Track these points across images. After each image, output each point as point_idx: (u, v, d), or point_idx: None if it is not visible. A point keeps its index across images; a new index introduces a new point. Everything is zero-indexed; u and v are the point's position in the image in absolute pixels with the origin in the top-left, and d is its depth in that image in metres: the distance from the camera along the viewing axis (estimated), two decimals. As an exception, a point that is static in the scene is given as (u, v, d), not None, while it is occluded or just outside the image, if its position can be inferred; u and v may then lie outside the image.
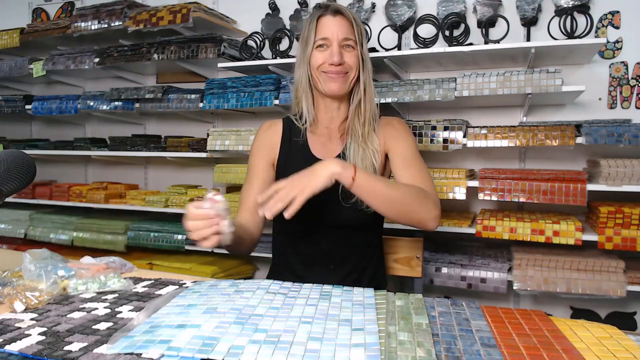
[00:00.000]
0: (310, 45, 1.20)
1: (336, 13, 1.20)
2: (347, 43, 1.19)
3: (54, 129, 3.11)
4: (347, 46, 1.20)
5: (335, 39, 1.18)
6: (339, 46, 1.18)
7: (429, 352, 0.64)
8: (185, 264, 2.28)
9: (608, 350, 0.66)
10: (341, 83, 1.20)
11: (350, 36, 1.19)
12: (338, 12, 1.20)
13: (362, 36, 1.22)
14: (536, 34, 1.98)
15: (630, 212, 1.66)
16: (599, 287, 1.69)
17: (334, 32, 1.18)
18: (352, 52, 1.20)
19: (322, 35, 1.19)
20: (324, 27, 1.20)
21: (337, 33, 1.18)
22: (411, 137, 1.28)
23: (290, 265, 1.29)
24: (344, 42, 1.19)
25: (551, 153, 2.02)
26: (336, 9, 1.21)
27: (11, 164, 0.93)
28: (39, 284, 0.90)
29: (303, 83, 1.24)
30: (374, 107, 1.26)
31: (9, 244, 2.60)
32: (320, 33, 1.20)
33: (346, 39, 1.19)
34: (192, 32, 2.35)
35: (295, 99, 1.29)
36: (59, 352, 0.64)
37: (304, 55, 1.22)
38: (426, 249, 1.92)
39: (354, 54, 1.20)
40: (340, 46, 1.19)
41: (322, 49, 1.20)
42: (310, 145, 1.27)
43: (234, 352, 0.62)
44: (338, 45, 1.18)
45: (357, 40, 1.20)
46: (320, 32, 1.20)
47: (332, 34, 1.18)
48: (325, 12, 1.21)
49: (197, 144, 2.29)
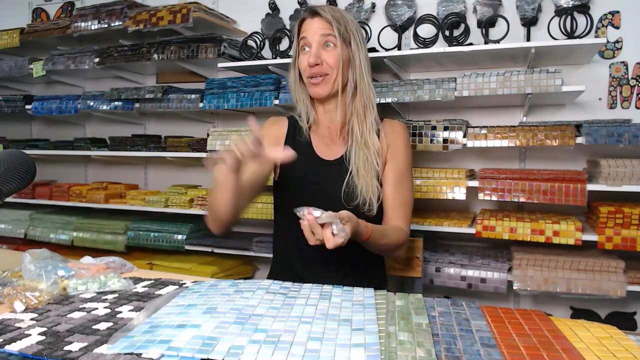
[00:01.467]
0: (294, 49, 1.24)
1: (314, 14, 1.21)
2: (327, 40, 1.19)
3: (54, 129, 3.10)
4: (328, 45, 1.19)
5: (313, 39, 1.19)
6: (318, 46, 1.19)
7: (429, 352, 0.64)
8: (185, 264, 2.28)
9: (608, 350, 0.66)
10: (322, 85, 1.20)
11: (329, 32, 1.18)
12: (315, 14, 1.20)
13: (348, 34, 1.20)
14: (536, 34, 1.98)
15: (630, 212, 1.66)
16: (599, 287, 1.69)
17: (310, 33, 1.19)
18: (332, 52, 1.19)
19: (302, 36, 1.21)
20: (305, 30, 1.21)
21: (314, 33, 1.19)
22: (409, 147, 1.31)
23: (290, 266, 1.29)
24: (323, 40, 1.19)
25: (551, 153, 2.02)
26: (314, 10, 1.21)
27: (11, 164, 0.93)
28: (39, 284, 0.90)
29: (293, 87, 1.27)
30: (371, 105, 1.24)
31: (9, 244, 2.59)
32: (301, 35, 1.22)
33: (325, 35, 1.18)
34: (192, 32, 2.35)
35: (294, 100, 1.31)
36: (59, 352, 0.64)
37: (293, 59, 1.26)
38: (426, 249, 1.92)
39: (334, 54, 1.19)
40: (320, 46, 1.19)
41: (305, 51, 1.21)
42: (314, 145, 1.27)
43: (234, 352, 0.62)
44: (318, 45, 1.19)
45: (339, 38, 1.18)
46: (301, 34, 1.22)
47: (310, 35, 1.19)
48: (306, 15, 1.22)
49: (197, 144, 2.29)
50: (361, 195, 1.18)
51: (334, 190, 1.20)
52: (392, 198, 1.23)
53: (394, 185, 1.24)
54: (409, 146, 1.30)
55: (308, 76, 1.21)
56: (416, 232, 1.84)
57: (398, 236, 1.21)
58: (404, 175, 1.26)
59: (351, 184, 1.20)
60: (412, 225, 1.90)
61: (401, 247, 1.24)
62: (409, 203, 1.27)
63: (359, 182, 1.19)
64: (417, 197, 1.90)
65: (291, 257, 1.28)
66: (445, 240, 2.16)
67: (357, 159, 1.21)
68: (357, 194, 1.19)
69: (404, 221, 1.24)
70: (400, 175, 1.25)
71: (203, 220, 2.41)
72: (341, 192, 1.18)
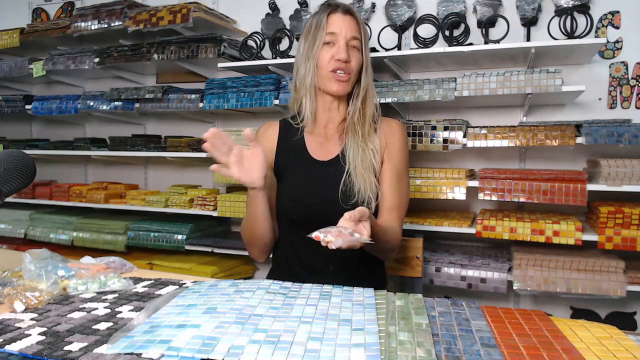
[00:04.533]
0: (319, 41, 1.19)
1: (347, 12, 1.21)
2: (354, 44, 1.20)
3: (54, 129, 3.10)
4: (353, 47, 1.20)
5: (343, 36, 1.19)
6: (346, 44, 1.19)
7: (429, 352, 0.64)
8: (185, 264, 2.28)
9: (608, 350, 0.66)
10: (345, 84, 1.21)
11: (358, 36, 1.20)
12: (349, 12, 1.21)
13: (366, 40, 1.24)
14: (536, 34, 1.98)
15: (630, 212, 1.66)
16: (599, 287, 1.69)
17: (342, 30, 1.19)
18: (357, 54, 1.21)
19: (330, 30, 1.19)
20: (333, 23, 1.19)
21: (346, 31, 1.19)
22: (407, 146, 1.31)
23: (290, 266, 1.29)
24: (351, 41, 1.19)
25: (551, 153, 2.02)
26: (347, 8, 1.22)
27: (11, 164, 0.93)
28: (39, 284, 0.90)
29: (307, 81, 1.21)
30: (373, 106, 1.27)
31: (9, 244, 2.59)
32: (328, 28, 1.19)
33: (354, 38, 1.20)
34: (192, 32, 2.35)
35: (296, 95, 1.26)
36: (59, 352, 0.64)
37: (312, 52, 1.20)
38: (426, 249, 1.92)
39: (358, 57, 1.21)
40: (347, 45, 1.19)
41: (329, 46, 1.19)
42: (308, 146, 1.27)
43: (234, 352, 0.62)
44: (345, 43, 1.19)
45: (363, 43, 1.21)
46: (329, 27, 1.19)
47: (341, 30, 1.19)
48: (336, 10, 1.21)
49: (197, 144, 2.29)
50: (359, 194, 1.18)
51: (330, 191, 1.20)
52: (388, 198, 1.23)
53: (390, 186, 1.24)
54: (407, 146, 1.30)
55: (332, 69, 1.18)
56: (416, 232, 1.84)
57: (396, 237, 1.21)
58: (401, 176, 1.26)
59: (348, 183, 1.19)
60: (412, 225, 1.91)
61: (396, 248, 1.26)
62: (404, 204, 1.27)
63: (357, 181, 1.19)
64: (417, 197, 1.90)
65: (291, 258, 1.28)
66: (445, 240, 2.16)
67: (355, 157, 1.21)
68: (354, 193, 1.18)
69: (398, 222, 1.24)
70: (397, 176, 1.25)
71: (203, 220, 2.42)
72: (338, 192, 1.18)
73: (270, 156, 1.28)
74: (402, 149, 1.27)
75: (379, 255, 1.28)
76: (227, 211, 2.19)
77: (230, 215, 2.19)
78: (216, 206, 2.25)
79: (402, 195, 1.26)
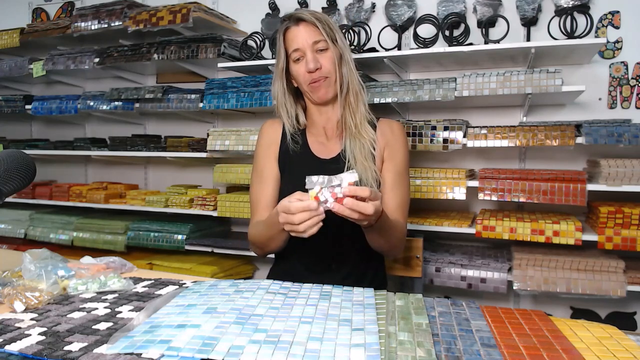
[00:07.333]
0: (282, 60, 1.23)
1: (299, 21, 1.20)
2: (319, 47, 1.20)
3: (54, 129, 3.11)
4: (319, 50, 1.20)
5: (306, 47, 1.19)
6: (312, 52, 1.19)
7: (429, 352, 0.64)
8: (185, 264, 2.28)
9: (608, 350, 0.66)
10: (326, 87, 1.21)
11: (319, 38, 1.19)
12: (300, 20, 1.20)
13: (333, 32, 1.21)
14: (536, 34, 1.98)
15: (630, 212, 1.66)
16: (599, 287, 1.69)
17: (302, 41, 1.19)
18: (326, 54, 1.20)
19: (293, 48, 1.20)
20: (292, 39, 1.20)
21: (306, 40, 1.19)
22: (407, 146, 1.31)
23: (290, 265, 1.29)
24: (314, 46, 1.19)
25: (551, 153, 2.02)
26: (297, 17, 1.21)
27: (11, 164, 0.93)
28: (39, 284, 0.90)
29: (279, 98, 1.26)
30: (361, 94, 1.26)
31: (9, 244, 2.60)
32: (290, 46, 1.21)
33: (316, 42, 1.19)
34: (192, 32, 2.35)
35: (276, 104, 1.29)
36: (59, 352, 0.64)
37: (277, 71, 1.24)
38: (426, 249, 1.92)
39: (329, 56, 1.20)
40: (313, 51, 1.19)
41: (300, 61, 1.21)
42: (310, 146, 1.28)
43: (234, 352, 0.62)
44: (311, 51, 1.19)
45: (328, 38, 1.20)
46: (290, 45, 1.21)
47: (302, 43, 1.19)
48: (289, 24, 1.21)
49: (197, 144, 2.29)
50: (362, 183, 1.18)
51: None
52: (389, 199, 1.24)
53: (391, 186, 1.24)
54: (407, 147, 1.31)
55: (309, 82, 1.20)
56: (416, 232, 1.84)
57: (401, 230, 1.22)
58: (402, 176, 1.26)
59: None
60: (412, 225, 1.91)
61: (402, 242, 1.25)
62: (405, 204, 1.27)
63: (358, 170, 1.19)
64: (417, 197, 1.90)
65: (291, 257, 1.29)
66: (445, 240, 2.16)
67: (353, 148, 1.22)
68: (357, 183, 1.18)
69: (402, 220, 1.25)
70: (399, 177, 1.25)
71: (203, 220, 2.41)
72: None
73: (275, 148, 1.29)
74: (403, 149, 1.28)
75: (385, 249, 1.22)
76: (227, 211, 2.19)
77: (230, 215, 2.19)
78: (216, 206, 2.25)
79: (403, 195, 1.26)
